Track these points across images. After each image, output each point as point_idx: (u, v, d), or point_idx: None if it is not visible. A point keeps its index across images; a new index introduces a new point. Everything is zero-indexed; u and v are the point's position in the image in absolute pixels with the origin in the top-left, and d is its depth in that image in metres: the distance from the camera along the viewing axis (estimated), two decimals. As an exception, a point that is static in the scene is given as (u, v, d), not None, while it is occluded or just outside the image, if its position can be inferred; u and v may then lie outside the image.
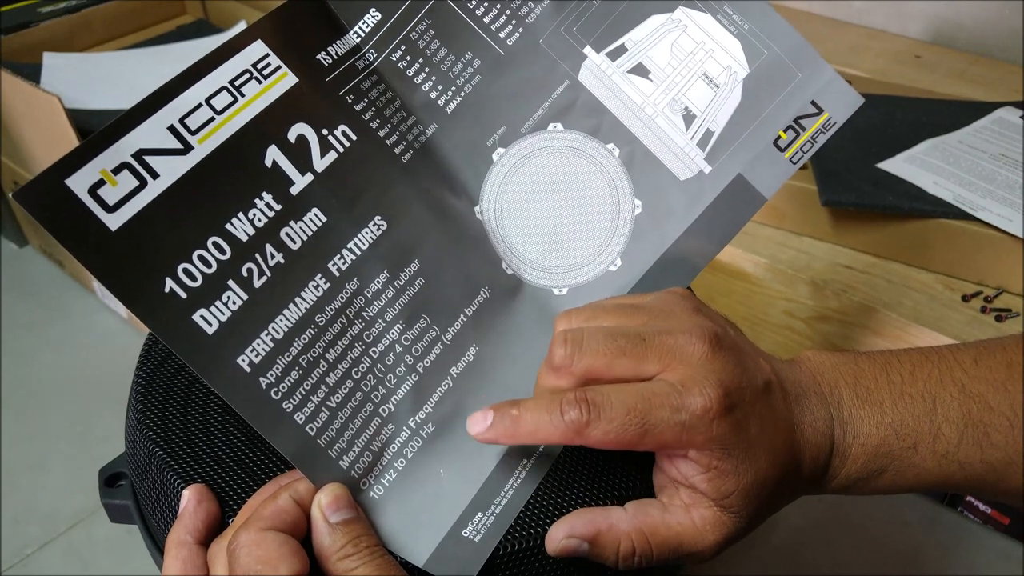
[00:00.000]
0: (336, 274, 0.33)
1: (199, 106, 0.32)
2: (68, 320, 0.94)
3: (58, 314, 0.95)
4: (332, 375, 0.32)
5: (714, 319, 0.33)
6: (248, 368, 0.30)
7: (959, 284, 0.66)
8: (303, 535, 0.30)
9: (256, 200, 0.32)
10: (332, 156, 0.35)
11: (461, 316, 0.36)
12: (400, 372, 0.34)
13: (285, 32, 0.35)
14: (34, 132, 0.84)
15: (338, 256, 0.34)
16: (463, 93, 0.39)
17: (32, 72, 0.94)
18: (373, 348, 0.33)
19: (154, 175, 0.31)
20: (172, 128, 0.31)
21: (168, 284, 0.30)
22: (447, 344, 0.35)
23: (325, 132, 0.35)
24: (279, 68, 0.34)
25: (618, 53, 0.40)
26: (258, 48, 0.34)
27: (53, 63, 0.98)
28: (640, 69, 0.40)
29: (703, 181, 0.39)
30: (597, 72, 0.40)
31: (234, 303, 0.31)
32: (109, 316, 0.94)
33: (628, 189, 0.39)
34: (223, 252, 0.31)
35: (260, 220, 0.32)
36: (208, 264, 0.31)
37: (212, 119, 0.32)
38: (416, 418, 0.33)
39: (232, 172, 0.32)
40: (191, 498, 0.32)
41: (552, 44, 0.40)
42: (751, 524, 0.32)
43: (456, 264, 0.37)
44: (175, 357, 0.40)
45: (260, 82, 0.34)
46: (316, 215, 0.33)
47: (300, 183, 0.34)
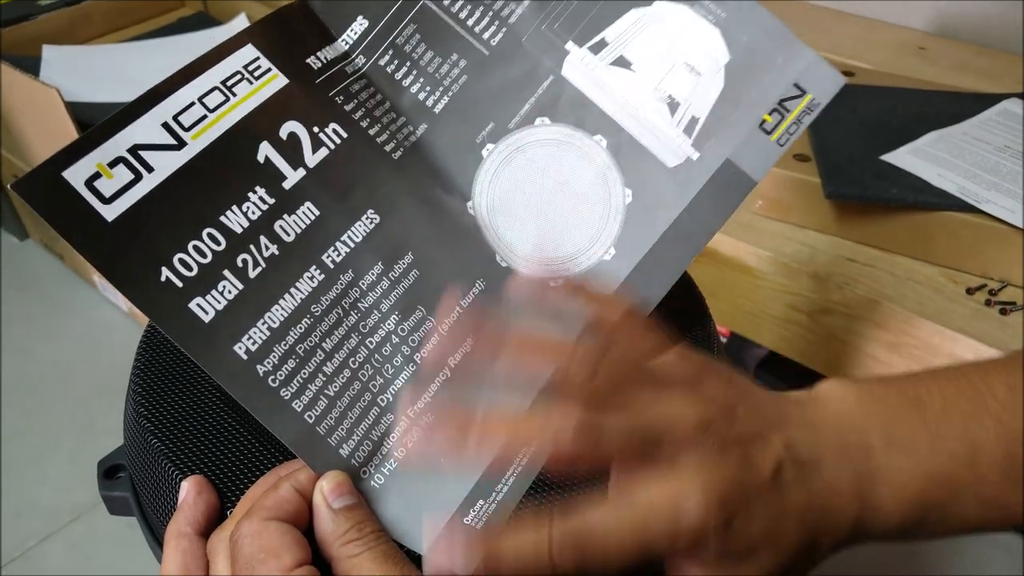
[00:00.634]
0: (331, 266, 0.34)
1: (192, 104, 0.33)
2: (69, 313, 0.94)
3: (59, 307, 0.95)
4: (329, 364, 0.32)
5: (720, 399, 0.31)
6: (245, 356, 0.31)
7: (963, 277, 0.65)
8: (305, 524, 0.30)
9: (249, 194, 0.33)
10: (324, 152, 0.35)
11: (457, 308, 0.36)
12: (397, 362, 0.34)
13: (275, 38, 0.36)
14: (34, 125, 0.84)
15: (332, 248, 0.34)
16: (450, 93, 0.40)
17: (32, 65, 0.94)
18: (370, 338, 0.34)
19: (149, 169, 0.31)
20: (166, 125, 0.32)
21: (164, 273, 0.30)
22: (443, 335, 0.35)
23: (316, 130, 0.36)
24: (269, 70, 0.35)
25: (600, 47, 0.41)
26: (248, 51, 0.35)
27: (53, 56, 0.98)
28: (622, 61, 0.41)
29: (692, 167, 0.40)
30: (580, 66, 0.40)
31: (230, 292, 0.31)
32: (110, 309, 0.94)
33: (618, 179, 0.40)
34: (218, 243, 0.32)
35: (254, 213, 0.33)
36: (203, 254, 0.31)
37: (205, 116, 0.33)
38: (415, 408, 0.33)
39: (225, 167, 0.33)
40: (190, 489, 0.32)
41: (535, 42, 0.41)
42: None
43: (450, 257, 0.37)
44: (174, 349, 0.40)
45: (251, 83, 0.35)
46: (309, 209, 0.34)
47: (293, 178, 0.34)
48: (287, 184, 0.34)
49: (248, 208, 0.33)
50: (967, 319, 0.61)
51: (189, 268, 0.31)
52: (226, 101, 0.34)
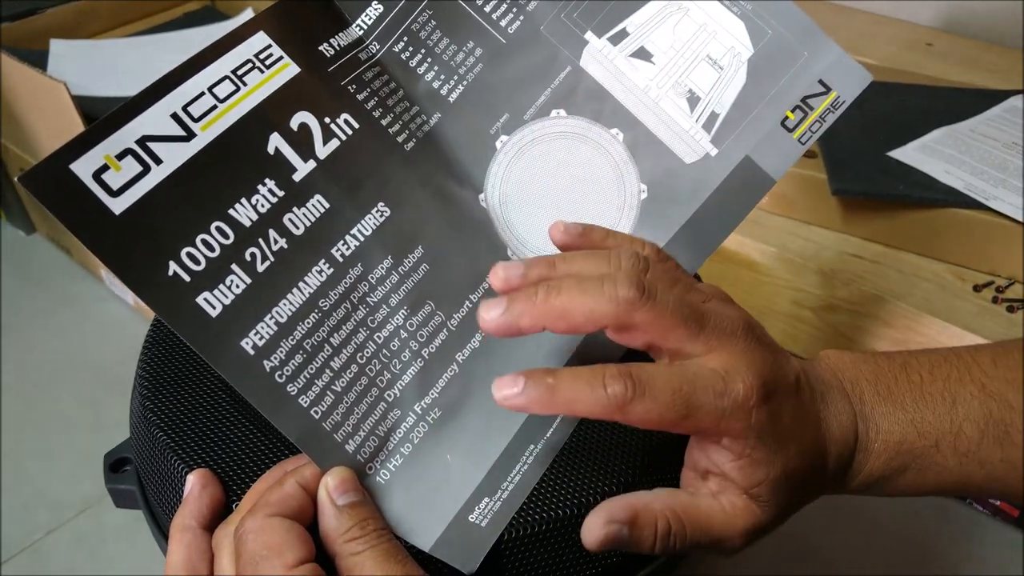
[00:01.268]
0: (340, 259, 0.33)
1: (202, 94, 0.33)
2: (75, 307, 0.94)
3: (65, 301, 0.95)
4: (337, 359, 0.32)
5: (750, 316, 0.33)
6: (252, 351, 0.31)
7: (970, 274, 0.65)
8: (309, 521, 0.30)
9: (259, 186, 0.33)
10: (335, 144, 0.35)
11: (466, 303, 0.36)
12: (405, 357, 0.34)
13: (287, 24, 0.35)
14: (40, 119, 0.84)
15: (341, 242, 0.34)
16: (465, 82, 0.39)
17: (38, 59, 0.94)
18: (378, 333, 0.33)
19: (157, 161, 0.31)
20: (175, 116, 0.32)
21: (172, 267, 0.30)
22: (452, 330, 0.35)
23: (327, 120, 0.35)
24: (281, 58, 0.35)
25: (620, 38, 0.40)
26: (260, 39, 0.35)
27: (59, 50, 0.98)
28: (642, 53, 0.40)
29: (709, 164, 0.39)
30: (599, 57, 0.40)
31: (237, 287, 0.31)
32: (116, 304, 0.94)
33: (633, 174, 0.39)
34: (226, 237, 0.31)
35: (263, 206, 0.32)
36: (211, 248, 0.31)
37: (215, 107, 0.33)
38: (422, 403, 0.33)
39: (235, 159, 0.33)
40: (195, 483, 0.32)
41: (553, 31, 0.40)
42: (777, 517, 0.32)
43: (461, 251, 0.37)
44: (180, 343, 0.40)
45: (262, 72, 0.34)
46: (319, 201, 0.34)
47: (303, 170, 0.34)
48: (297, 176, 0.34)
49: (257, 201, 0.32)
50: (973, 316, 0.61)
51: (197, 262, 0.31)
52: (236, 91, 0.33)
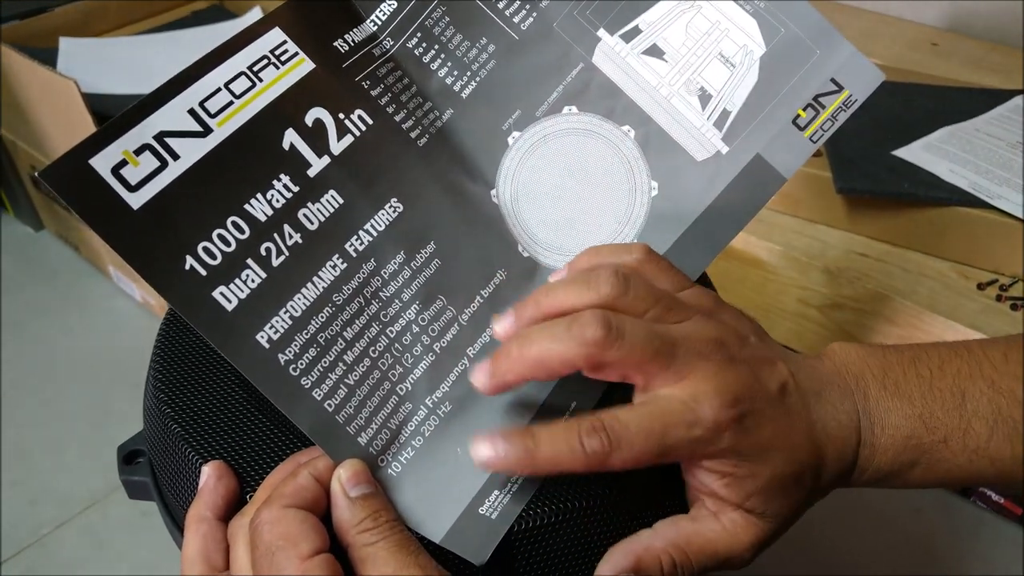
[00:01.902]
0: (353, 255, 0.34)
1: (218, 90, 0.33)
2: (83, 304, 0.95)
3: (74, 298, 0.96)
4: (350, 353, 0.33)
5: (733, 326, 0.33)
6: (267, 345, 0.31)
7: (974, 272, 0.66)
8: (323, 512, 0.30)
9: (274, 182, 0.33)
10: (349, 139, 0.35)
11: (477, 297, 0.36)
12: (417, 352, 0.34)
13: (302, 20, 0.36)
14: (51, 116, 0.85)
15: (355, 237, 0.34)
16: (478, 78, 0.39)
17: (48, 57, 0.94)
18: (390, 328, 0.34)
19: (175, 156, 0.31)
20: (192, 111, 0.32)
21: (188, 262, 0.31)
22: (463, 325, 0.35)
23: (342, 116, 0.35)
24: (296, 54, 0.35)
25: (632, 35, 0.40)
26: (276, 35, 0.35)
27: (69, 48, 0.98)
28: (655, 50, 0.40)
29: (720, 162, 0.39)
30: (611, 54, 0.40)
31: (253, 281, 0.31)
32: (124, 300, 0.95)
33: (644, 171, 0.39)
34: (242, 231, 0.32)
35: (278, 201, 0.33)
36: (227, 243, 0.31)
37: (231, 103, 0.33)
38: (433, 397, 0.34)
39: (250, 154, 0.33)
40: (211, 474, 0.33)
41: (566, 27, 0.40)
42: (781, 523, 0.32)
43: (472, 246, 0.37)
44: (194, 336, 0.40)
45: (278, 68, 0.34)
46: (333, 197, 0.34)
47: (317, 165, 0.34)
48: (312, 172, 0.34)
49: (272, 196, 0.33)
50: (978, 314, 0.61)
51: (213, 257, 0.31)
52: (252, 87, 0.33)
